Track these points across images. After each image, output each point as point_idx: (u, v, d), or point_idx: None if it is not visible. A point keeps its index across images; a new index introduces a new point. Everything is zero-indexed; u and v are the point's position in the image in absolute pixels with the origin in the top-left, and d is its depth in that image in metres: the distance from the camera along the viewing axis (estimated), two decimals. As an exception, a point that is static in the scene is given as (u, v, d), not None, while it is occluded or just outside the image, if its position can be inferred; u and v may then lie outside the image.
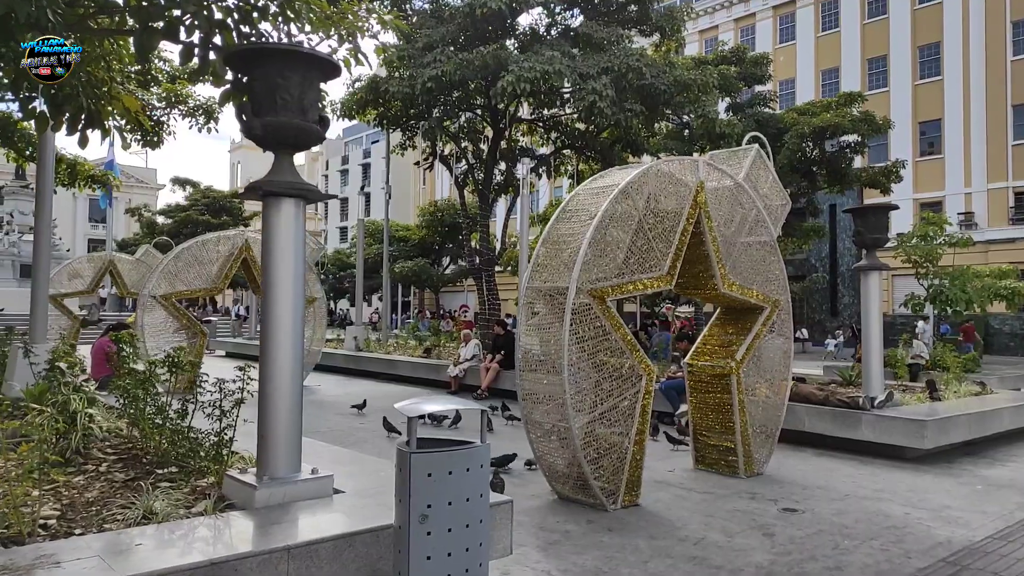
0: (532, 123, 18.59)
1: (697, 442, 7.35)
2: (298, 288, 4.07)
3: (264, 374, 4.01)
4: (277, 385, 4.00)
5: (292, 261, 4.05)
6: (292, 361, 4.04)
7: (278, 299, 4.01)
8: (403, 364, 15.13)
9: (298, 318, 4.08)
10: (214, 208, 48.99)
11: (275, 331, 4.00)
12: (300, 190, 4.04)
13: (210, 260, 13.08)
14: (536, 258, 5.91)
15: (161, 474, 4.51)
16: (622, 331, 5.80)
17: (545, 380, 5.67)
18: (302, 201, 4.10)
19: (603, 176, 6.40)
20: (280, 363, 4.01)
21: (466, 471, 3.07)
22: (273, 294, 4.01)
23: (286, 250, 4.03)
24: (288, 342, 4.03)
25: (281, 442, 3.97)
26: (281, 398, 4.00)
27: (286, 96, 3.92)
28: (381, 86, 14.99)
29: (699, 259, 6.71)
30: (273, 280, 4.01)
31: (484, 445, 3.19)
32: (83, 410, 4.94)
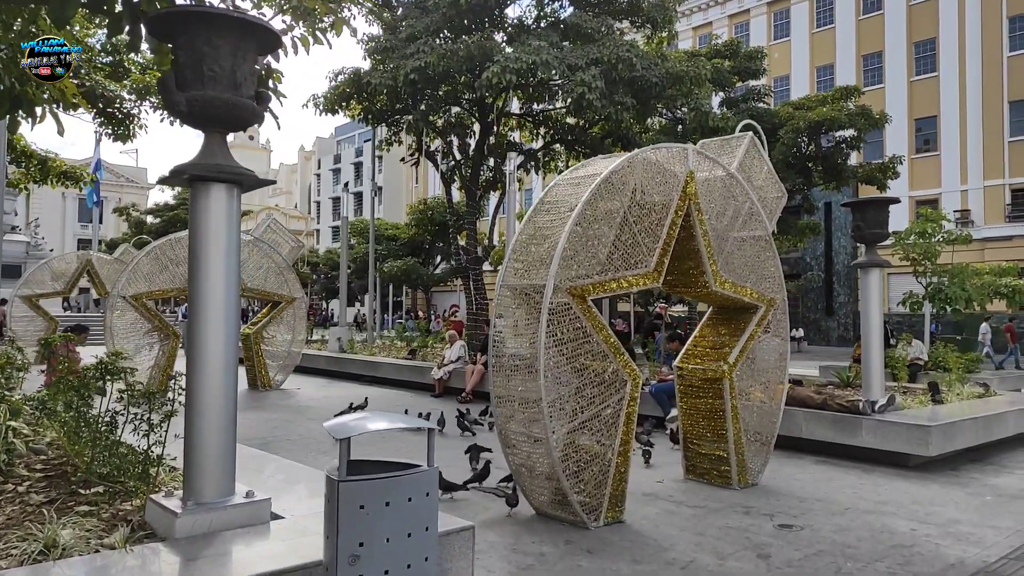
0: (522, 117, 18.12)
1: (688, 451, 6.89)
2: (231, 287, 3.58)
3: (192, 384, 3.52)
4: (206, 397, 3.51)
5: (224, 256, 3.56)
6: (225, 370, 3.55)
7: (208, 300, 3.53)
8: (386, 366, 14.64)
9: (232, 322, 3.59)
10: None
11: (204, 336, 3.51)
12: (233, 175, 3.56)
13: (182, 259, 12.55)
14: (511, 254, 5.44)
15: (85, 496, 4.02)
16: (604, 332, 5.33)
17: (520, 386, 5.20)
18: (236, 188, 3.61)
19: (585, 165, 5.93)
20: (210, 372, 3.52)
21: (407, 501, 2.59)
22: (201, 294, 3.52)
23: (217, 243, 3.55)
24: (220, 349, 3.54)
25: (210, 462, 3.48)
26: (211, 412, 3.51)
27: (215, 68, 3.43)
28: (363, 79, 14.49)
29: (689, 255, 6.25)
30: (201, 278, 3.53)
31: (430, 469, 2.71)
32: (4, 422, 4.45)
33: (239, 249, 3.66)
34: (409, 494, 2.60)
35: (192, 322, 3.54)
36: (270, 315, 13.85)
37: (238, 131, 3.69)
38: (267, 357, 13.66)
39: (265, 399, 12.31)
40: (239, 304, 3.69)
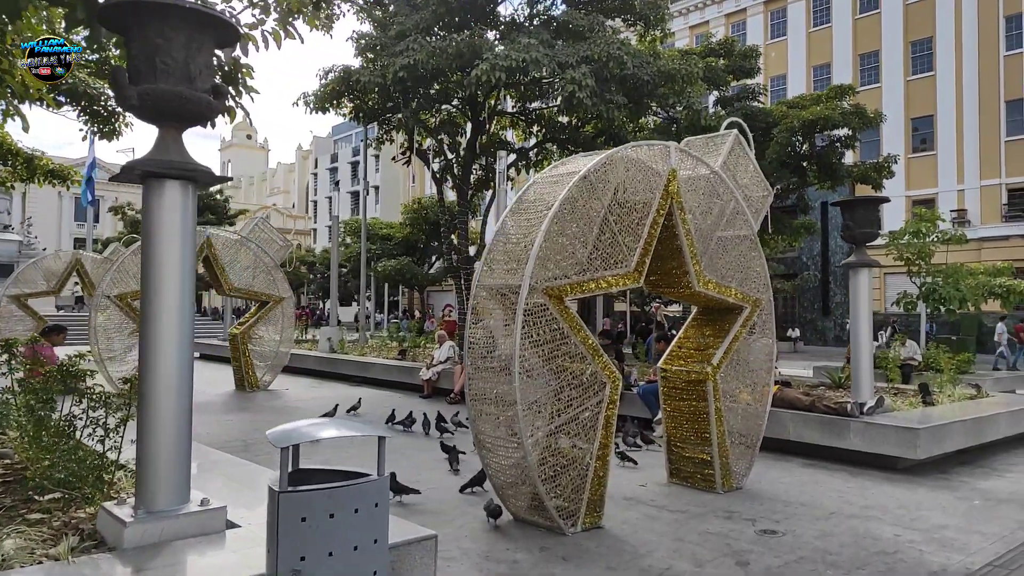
0: (514, 116, 17.99)
1: (671, 454, 6.77)
2: (186, 288, 3.47)
3: (144, 388, 3.40)
4: (159, 400, 3.39)
5: (179, 256, 3.45)
6: (179, 373, 3.44)
7: (162, 301, 3.41)
8: (376, 367, 14.51)
9: (187, 324, 3.47)
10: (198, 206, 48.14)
11: (157, 339, 3.40)
12: (187, 171, 3.44)
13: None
14: (488, 253, 5.33)
15: (40, 503, 3.90)
16: (582, 334, 5.21)
17: (496, 388, 5.08)
18: (191, 185, 3.50)
19: (564, 163, 5.81)
20: (163, 375, 3.40)
21: (354, 512, 2.48)
22: (155, 296, 3.41)
23: (171, 243, 3.43)
24: (174, 351, 3.42)
25: (163, 469, 3.37)
26: (164, 416, 3.40)
27: (167, 60, 3.32)
28: (353, 77, 14.36)
29: (672, 254, 6.14)
30: (155, 279, 3.41)
31: (380, 478, 2.60)
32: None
33: (194, 249, 3.55)
34: (356, 505, 2.49)
35: (145, 324, 3.42)
36: (258, 315, 13.72)
37: (194, 126, 3.57)
38: (255, 357, 13.54)
39: (251, 400, 12.19)
40: (193, 306, 3.58)
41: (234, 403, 11.91)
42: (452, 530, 5.17)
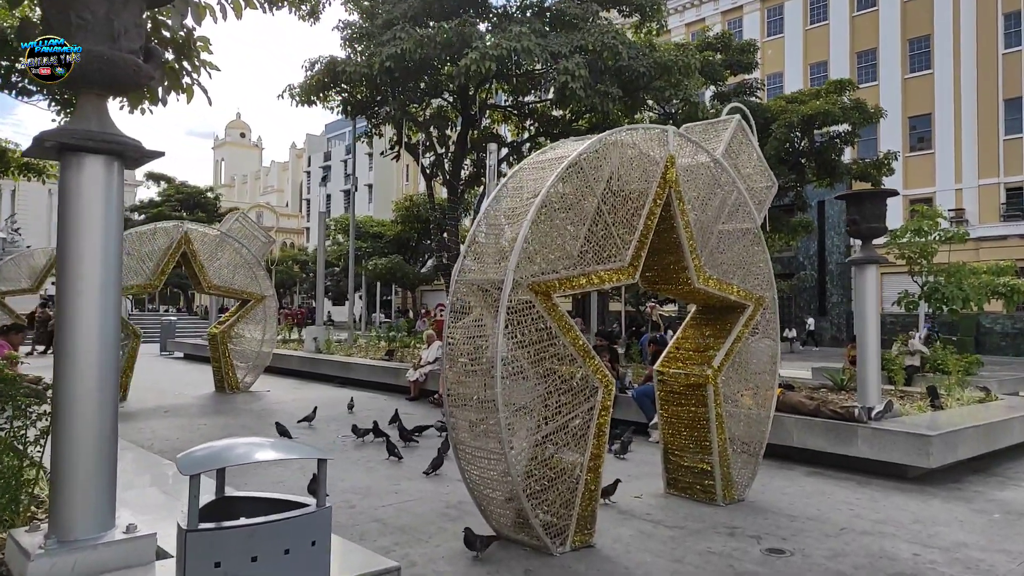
0: (507, 110, 17.52)
1: (669, 463, 6.32)
2: (111, 282, 3.00)
3: (59, 395, 2.92)
4: (76, 409, 2.91)
5: (102, 243, 2.97)
6: (100, 379, 2.96)
7: (81, 295, 2.94)
8: (360, 367, 14.02)
9: (110, 322, 3.00)
10: (188, 204, 47.68)
11: (74, 338, 2.92)
12: (111, 144, 2.96)
13: (147, 255, 11.93)
14: (469, 246, 4.86)
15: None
16: (572, 334, 4.75)
17: (476, 394, 4.62)
18: (116, 161, 3.02)
19: (553, 148, 5.35)
20: (82, 380, 2.93)
21: (283, 554, 2.00)
22: (73, 289, 2.93)
23: (92, 228, 2.96)
24: (94, 355, 2.95)
25: (80, 490, 2.89)
26: (82, 430, 2.92)
27: (85, 15, 2.85)
28: (338, 67, 13.88)
29: (669, 248, 5.68)
30: (72, 269, 2.94)
31: (319, 510, 2.12)
32: None
33: (120, 236, 3.07)
34: (286, 544, 2.02)
35: (60, 322, 2.94)
36: (238, 313, 13.22)
37: (122, 94, 3.10)
38: (235, 358, 13.04)
39: (230, 402, 11.70)
40: (119, 303, 3.10)
41: (211, 406, 11.41)
42: (427, 550, 4.70)
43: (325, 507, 2.16)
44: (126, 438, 8.48)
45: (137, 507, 3.31)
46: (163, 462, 5.52)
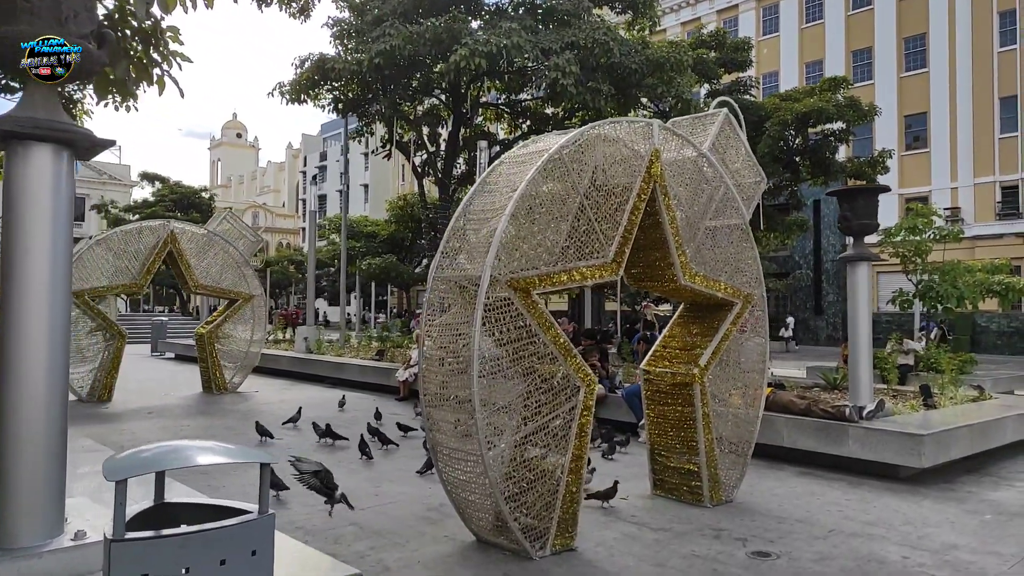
0: (499, 108, 17.40)
1: (655, 463, 6.20)
2: (59, 279, 2.86)
3: (3, 395, 2.79)
4: (20, 407, 2.78)
5: (49, 238, 2.84)
6: (48, 378, 2.83)
7: (27, 293, 2.80)
8: (351, 368, 13.89)
9: (59, 323, 2.87)
10: (182, 204, 47.46)
11: (19, 340, 2.79)
12: (60, 133, 2.83)
13: (133, 254, 11.79)
14: (446, 242, 4.73)
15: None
16: (552, 332, 4.62)
17: (453, 393, 4.49)
18: (66, 150, 2.89)
19: (535, 141, 5.22)
20: (27, 379, 2.79)
21: (219, 565, 1.87)
22: (17, 287, 2.80)
23: (40, 222, 2.82)
24: (42, 350, 2.81)
25: (24, 492, 2.76)
26: (27, 432, 2.79)
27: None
28: (327, 64, 13.74)
29: (655, 244, 5.56)
30: (17, 266, 2.80)
31: (261, 517, 2.00)
32: None
33: (70, 230, 2.94)
34: (223, 554, 1.89)
35: (5, 321, 2.81)
36: (226, 313, 13.08)
37: (72, 81, 2.95)
38: (223, 358, 12.90)
39: (216, 403, 11.55)
40: (68, 302, 2.97)
41: (196, 406, 11.27)
42: (404, 555, 4.57)
43: (267, 514, 2.03)
44: (106, 440, 8.34)
45: (94, 512, 3.18)
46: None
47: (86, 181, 69.08)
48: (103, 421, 9.74)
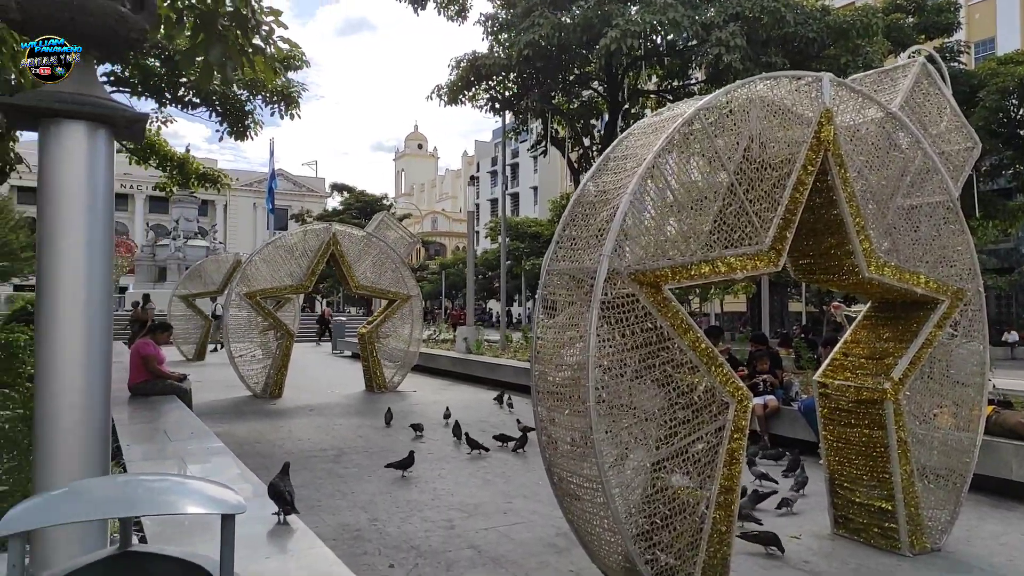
0: (659, 94, 16.35)
1: (836, 497, 5.09)
2: (97, 267, 2.57)
3: (41, 401, 2.52)
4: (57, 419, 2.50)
5: (85, 223, 2.55)
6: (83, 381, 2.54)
7: (59, 288, 2.53)
8: (506, 369, 13.57)
9: (99, 317, 2.57)
10: (366, 211, 50.59)
11: (53, 338, 2.52)
12: (95, 108, 2.52)
13: (298, 256, 12.29)
14: (561, 229, 4.05)
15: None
16: (691, 335, 3.78)
17: (568, 408, 3.80)
18: (102, 128, 2.58)
19: (671, 107, 4.39)
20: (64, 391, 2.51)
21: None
22: (50, 281, 2.53)
23: (74, 205, 2.54)
24: (80, 355, 2.53)
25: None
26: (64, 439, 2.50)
27: (56, -44, 2.42)
28: (478, 62, 13.55)
29: (829, 228, 4.52)
30: (51, 253, 2.53)
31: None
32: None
33: (110, 215, 2.63)
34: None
35: (38, 315, 2.55)
36: (385, 313, 13.29)
37: (109, 54, 2.65)
38: (383, 357, 13.10)
39: (374, 402, 11.68)
40: (109, 293, 2.66)
41: (354, 405, 11.46)
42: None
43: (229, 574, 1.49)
44: (263, 437, 8.57)
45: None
46: (230, 463, 5.21)
47: (287, 193, 76.31)
48: (266, 417, 10.10)
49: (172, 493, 1.52)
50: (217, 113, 12.49)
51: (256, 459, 6.94)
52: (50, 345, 2.52)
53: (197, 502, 1.51)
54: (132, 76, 12.48)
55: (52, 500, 1.44)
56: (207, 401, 11.08)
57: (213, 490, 1.57)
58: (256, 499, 4.08)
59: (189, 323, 19.75)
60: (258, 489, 4.38)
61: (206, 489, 1.58)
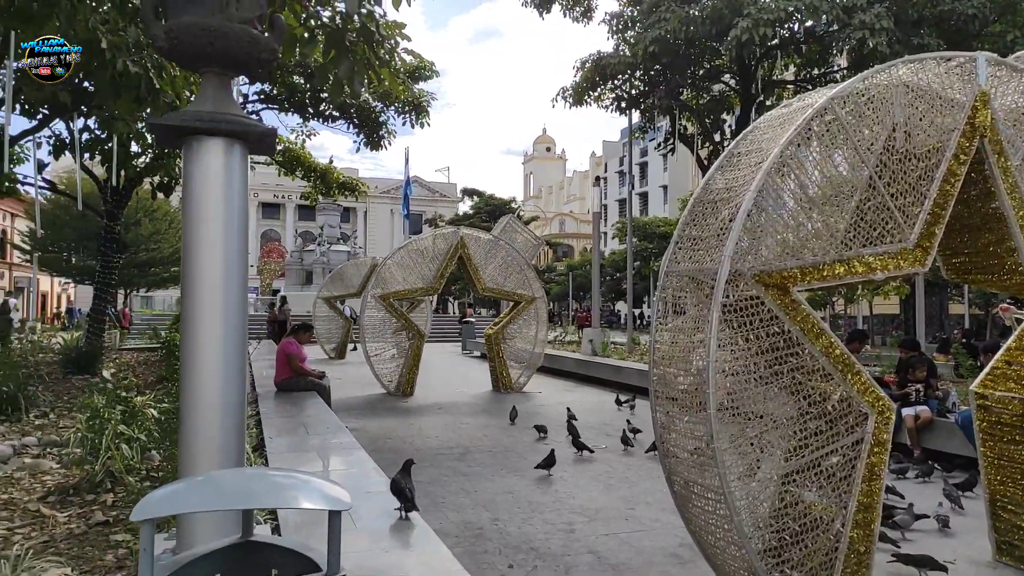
0: (797, 85, 15.49)
1: (997, 520, 4.60)
2: (233, 279, 2.77)
3: (186, 400, 2.75)
4: (198, 409, 2.72)
5: (222, 232, 2.75)
6: (221, 378, 2.74)
7: (200, 291, 2.75)
8: (630, 371, 13.34)
9: (234, 321, 2.78)
10: (494, 214, 51.63)
11: (195, 339, 2.74)
12: (229, 125, 2.72)
13: (427, 259, 12.73)
14: (681, 228, 3.92)
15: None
16: (824, 340, 3.53)
17: (687, 416, 3.66)
18: (237, 143, 2.78)
19: (801, 97, 4.13)
20: (203, 380, 2.73)
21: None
22: (194, 286, 2.75)
23: (212, 216, 2.75)
24: (216, 351, 2.73)
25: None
26: (204, 430, 2.72)
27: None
28: (603, 61, 13.43)
29: (986, 223, 4.09)
30: (193, 260, 2.75)
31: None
32: (114, 427, 4.21)
33: (244, 224, 2.82)
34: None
35: (184, 317, 2.78)
36: (511, 314, 13.47)
37: (244, 72, 2.85)
38: (508, 358, 13.29)
39: (500, 402, 11.87)
40: (244, 297, 2.85)
41: (481, 404, 11.69)
42: (632, 602, 3.87)
43: (339, 574, 1.55)
44: (393, 433, 8.93)
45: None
46: (361, 462, 5.43)
47: (421, 199, 79.37)
48: (398, 414, 10.53)
49: (289, 488, 1.61)
50: (354, 125, 13.20)
51: (387, 455, 7.24)
52: (193, 345, 2.75)
53: (308, 497, 1.58)
54: (279, 93, 13.44)
55: (180, 491, 1.57)
56: (344, 397, 11.69)
57: (326, 487, 1.64)
58: (383, 494, 4.25)
59: (331, 323, 20.95)
60: (386, 484, 4.56)
61: (320, 486, 1.65)
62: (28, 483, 4.45)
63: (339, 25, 4.25)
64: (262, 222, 73.84)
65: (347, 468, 5.44)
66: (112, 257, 12.89)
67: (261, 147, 2.89)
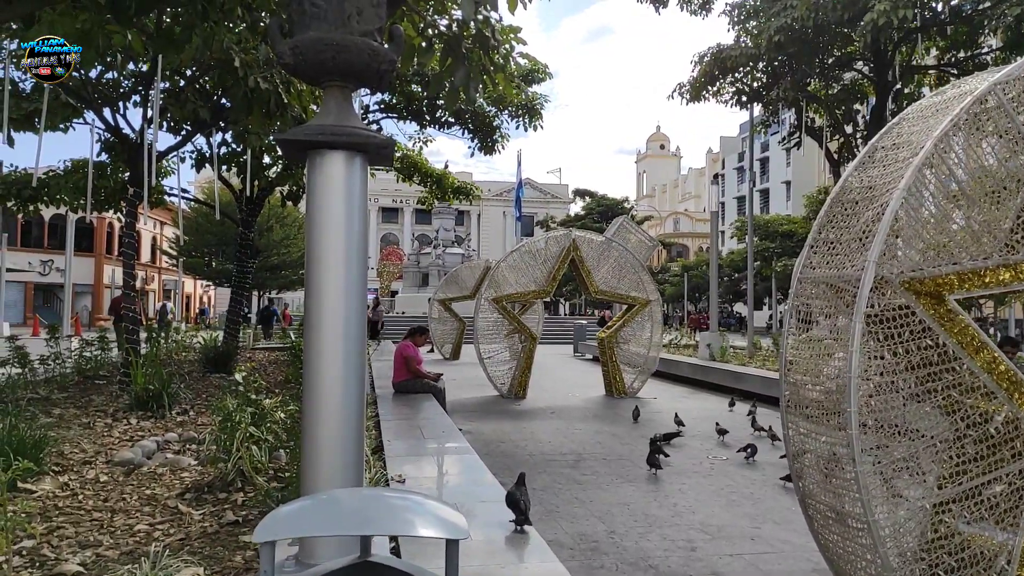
0: (940, 70, 14.26)
1: None
2: (353, 281, 2.79)
3: (308, 404, 2.81)
4: (320, 414, 2.77)
5: (343, 241, 2.79)
6: (342, 382, 2.78)
7: (322, 299, 2.79)
8: (752, 378, 12.72)
9: (355, 324, 2.80)
10: (607, 215, 51.10)
11: (318, 345, 2.78)
12: (348, 138, 2.75)
13: (539, 262, 12.72)
14: (817, 232, 3.62)
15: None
16: (986, 355, 3.15)
17: (824, 436, 3.37)
18: (358, 156, 2.80)
19: (954, 84, 3.72)
20: (324, 384, 2.77)
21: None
22: (316, 293, 2.80)
23: (334, 226, 2.79)
24: (336, 356, 2.77)
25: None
26: (327, 438, 2.76)
27: (318, 2, 2.67)
28: (723, 54, 12.90)
29: None
30: (316, 268, 2.80)
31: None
32: (244, 428, 4.40)
33: (364, 234, 2.84)
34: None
35: (306, 323, 2.83)
36: (624, 318, 13.20)
37: (365, 85, 2.87)
38: (622, 362, 13.03)
39: (612, 407, 11.66)
40: (363, 304, 2.87)
41: (593, 409, 11.52)
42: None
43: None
44: (508, 437, 8.93)
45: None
46: (471, 463, 5.40)
47: (533, 201, 79.92)
48: (510, 417, 10.54)
49: (407, 512, 1.56)
50: (468, 130, 13.40)
51: (500, 459, 7.24)
52: (316, 352, 2.80)
53: (426, 524, 1.52)
54: (398, 102, 13.86)
55: (297, 513, 1.55)
56: (459, 399, 11.86)
57: (444, 512, 1.58)
58: (497, 503, 4.20)
59: (446, 325, 21.40)
60: (500, 492, 4.52)
61: (437, 510, 1.60)
62: (168, 479, 4.76)
63: (455, 32, 4.24)
64: (381, 226, 76.81)
65: (461, 474, 5.46)
66: (246, 261, 13.74)
67: (380, 158, 2.91)
